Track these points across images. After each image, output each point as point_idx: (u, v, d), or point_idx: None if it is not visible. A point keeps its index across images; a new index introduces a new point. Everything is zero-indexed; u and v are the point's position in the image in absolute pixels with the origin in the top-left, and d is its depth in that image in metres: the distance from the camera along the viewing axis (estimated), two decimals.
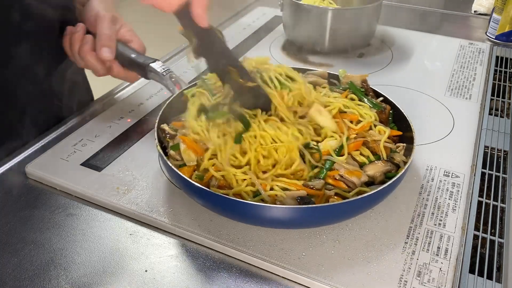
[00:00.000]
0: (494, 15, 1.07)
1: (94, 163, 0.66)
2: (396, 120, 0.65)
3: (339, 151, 0.57)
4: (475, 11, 1.25)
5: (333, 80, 0.73)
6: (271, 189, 0.53)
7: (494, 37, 1.07)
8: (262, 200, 0.52)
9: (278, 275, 0.51)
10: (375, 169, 0.56)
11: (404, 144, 0.61)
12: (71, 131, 0.73)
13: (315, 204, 0.51)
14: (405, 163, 0.57)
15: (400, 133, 0.63)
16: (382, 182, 0.55)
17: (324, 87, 0.69)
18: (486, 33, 1.10)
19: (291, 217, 0.51)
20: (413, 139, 0.59)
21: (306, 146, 0.57)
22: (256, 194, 0.53)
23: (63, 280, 0.50)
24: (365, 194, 0.51)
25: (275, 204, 0.52)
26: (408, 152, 0.59)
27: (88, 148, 0.69)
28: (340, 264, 0.51)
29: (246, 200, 0.52)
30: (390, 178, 0.53)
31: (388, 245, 0.54)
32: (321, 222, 0.55)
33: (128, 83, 0.88)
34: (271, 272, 0.51)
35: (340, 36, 0.97)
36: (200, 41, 0.53)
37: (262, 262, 0.52)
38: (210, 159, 0.57)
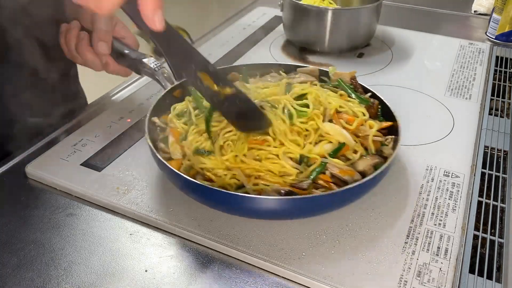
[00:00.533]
0: (494, 15, 1.07)
1: (94, 163, 0.66)
2: (384, 114, 0.65)
3: (334, 153, 0.57)
4: (475, 11, 1.25)
5: (323, 78, 0.73)
6: (255, 184, 0.54)
7: (494, 37, 1.07)
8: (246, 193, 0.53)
9: (278, 275, 0.51)
10: (364, 163, 0.57)
11: (393, 137, 0.61)
12: (71, 131, 0.73)
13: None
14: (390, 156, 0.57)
15: (391, 123, 0.63)
16: None
17: (315, 85, 0.69)
18: (486, 33, 1.10)
19: (274, 207, 0.52)
20: (398, 132, 0.60)
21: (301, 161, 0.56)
22: (239, 186, 0.54)
23: (63, 280, 0.50)
24: (348, 186, 0.51)
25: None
26: (396, 144, 0.60)
27: (88, 148, 0.69)
28: (340, 264, 0.51)
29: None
30: None
31: (388, 245, 0.54)
32: (304, 214, 0.55)
33: (127, 84, 0.88)
34: (271, 272, 0.51)
35: (340, 36, 0.97)
36: (158, 42, 0.46)
37: (262, 262, 0.52)
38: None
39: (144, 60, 0.70)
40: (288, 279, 0.51)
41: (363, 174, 0.56)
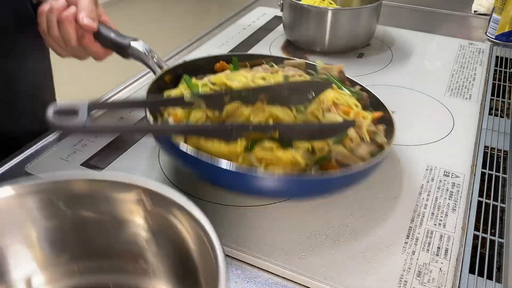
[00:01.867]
0: (494, 15, 1.07)
1: (94, 163, 0.66)
2: (374, 106, 0.66)
3: (338, 142, 0.57)
4: (475, 11, 1.25)
5: (310, 71, 0.73)
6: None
7: (494, 37, 1.07)
8: None
9: (278, 275, 0.51)
10: (362, 150, 0.57)
11: (383, 125, 0.62)
12: None
13: None
14: (388, 144, 0.58)
15: (382, 113, 0.63)
16: None
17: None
18: (486, 33, 1.11)
19: (280, 186, 0.52)
20: (392, 121, 0.60)
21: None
22: None
23: None
24: (350, 170, 0.52)
25: None
26: (389, 133, 0.60)
27: (88, 148, 0.69)
28: (340, 264, 0.51)
29: None
30: None
31: (388, 245, 0.54)
32: (308, 194, 0.57)
33: (126, 84, 0.88)
34: (271, 272, 0.51)
35: (340, 36, 0.97)
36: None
37: (262, 262, 0.52)
38: None
39: (133, 43, 0.68)
40: (288, 279, 0.51)
41: (362, 160, 0.57)
